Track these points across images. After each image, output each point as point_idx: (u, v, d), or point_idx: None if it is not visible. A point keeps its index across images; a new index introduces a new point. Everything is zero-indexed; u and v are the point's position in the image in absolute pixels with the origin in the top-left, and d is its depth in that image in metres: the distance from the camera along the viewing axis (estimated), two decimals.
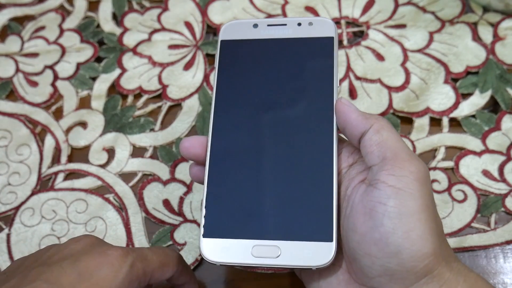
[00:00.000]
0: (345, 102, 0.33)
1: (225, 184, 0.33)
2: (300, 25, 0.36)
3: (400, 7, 0.51)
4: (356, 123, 0.32)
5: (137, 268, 0.30)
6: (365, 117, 0.32)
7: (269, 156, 0.33)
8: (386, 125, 0.31)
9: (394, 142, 0.30)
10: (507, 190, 0.42)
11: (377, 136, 0.31)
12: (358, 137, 0.32)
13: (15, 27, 0.54)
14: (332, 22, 0.36)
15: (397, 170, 0.29)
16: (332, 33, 0.35)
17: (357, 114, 0.32)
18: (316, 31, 0.36)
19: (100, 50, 0.52)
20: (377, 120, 0.31)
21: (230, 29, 0.37)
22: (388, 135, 0.31)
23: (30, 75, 0.51)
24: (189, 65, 0.50)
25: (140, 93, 0.49)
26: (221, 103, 0.35)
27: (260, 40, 0.36)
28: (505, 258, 0.40)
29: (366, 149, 0.31)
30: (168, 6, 0.53)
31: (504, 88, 0.46)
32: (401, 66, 0.48)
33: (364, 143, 0.31)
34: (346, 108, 0.32)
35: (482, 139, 0.44)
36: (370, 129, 0.31)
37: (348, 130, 0.32)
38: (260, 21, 0.37)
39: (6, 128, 0.48)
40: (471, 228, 0.41)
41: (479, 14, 0.49)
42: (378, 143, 0.30)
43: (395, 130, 0.31)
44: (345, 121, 0.32)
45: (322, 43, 0.35)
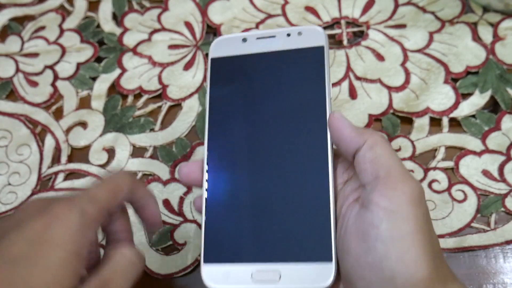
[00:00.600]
0: (338, 116, 0.32)
1: (223, 208, 0.33)
2: (289, 36, 0.35)
3: (400, 7, 0.51)
4: (350, 140, 0.31)
5: (89, 212, 0.29)
6: (359, 132, 0.31)
7: (265, 177, 0.33)
8: (380, 141, 0.30)
9: (388, 159, 0.30)
10: (507, 190, 0.42)
11: (370, 152, 0.30)
12: (352, 153, 0.31)
13: (15, 27, 0.54)
14: (322, 30, 0.35)
15: (390, 191, 0.28)
16: (322, 42, 0.34)
17: (350, 130, 0.31)
18: (306, 41, 0.35)
19: (100, 50, 0.52)
20: (371, 136, 0.30)
21: (220, 45, 0.36)
22: (382, 152, 0.30)
23: (30, 75, 0.51)
24: (189, 65, 0.50)
25: (140, 93, 0.49)
26: (214, 124, 0.34)
27: (250, 55, 0.35)
28: (505, 258, 0.40)
29: (360, 166, 0.30)
30: (168, 6, 0.53)
31: (504, 88, 0.46)
32: (401, 66, 0.48)
33: (358, 159, 0.30)
34: (339, 123, 0.31)
35: (482, 139, 0.44)
36: (363, 145, 0.30)
37: (342, 147, 0.31)
38: (249, 34, 0.36)
39: (6, 128, 0.48)
40: (471, 228, 0.41)
41: (479, 14, 0.49)
42: (371, 160, 0.30)
43: (389, 145, 0.31)
44: (338, 137, 0.31)
45: (312, 53, 0.34)
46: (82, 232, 0.28)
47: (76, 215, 0.28)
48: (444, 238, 0.40)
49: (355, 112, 0.46)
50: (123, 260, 0.30)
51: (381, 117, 0.46)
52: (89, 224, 0.28)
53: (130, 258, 0.30)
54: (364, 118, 0.46)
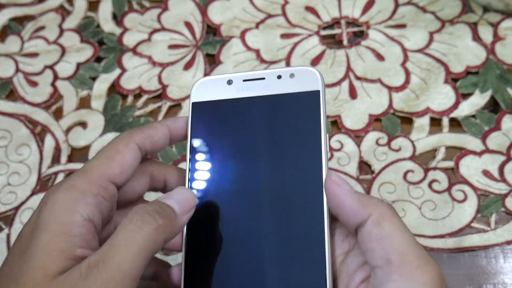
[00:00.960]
0: (336, 180, 0.28)
1: (204, 279, 0.29)
2: (280, 78, 0.31)
3: (400, 7, 0.51)
4: (351, 211, 0.27)
5: (76, 185, 0.27)
6: (362, 203, 0.27)
7: (253, 243, 0.29)
8: (387, 213, 0.26)
9: (399, 238, 0.25)
10: (507, 190, 0.42)
11: (377, 229, 0.26)
12: (354, 226, 0.27)
13: (15, 27, 0.54)
14: (317, 72, 0.31)
15: (407, 282, 0.24)
16: (317, 85, 0.31)
17: (352, 200, 0.27)
18: (299, 84, 0.31)
19: (100, 50, 0.52)
20: (377, 207, 0.26)
21: (202, 88, 0.33)
22: (391, 228, 0.26)
23: (30, 75, 0.51)
24: (189, 65, 0.50)
25: (140, 93, 0.49)
26: (196, 180, 0.31)
27: (236, 100, 0.32)
28: (505, 258, 0.40)
29: (366, 245, 0.26)
30: (168, 6, 0.53)
31: (504, 88, 0.46)
32: (401, 66, 0.48)
33: (363, 236, 0.26)
34: (338, 190, 0.27)
35: (482, 139, 0.44)
36: (368, 219, 0.26)
37: (342, 218, 0.28)
38: (235, 76, 0.32)
39: (6, 128, 0.48)
40: (471, 228, 0.41)
41: (479, 14, 0.49)
42: (379, 239, 0.26)
43: (399, 218, 0.27)
44: (337, 207, 0.27)
45: (306, 99, 0.31)
46: (68, 210, 0.26)
47: (61, 194, 0.26)
48: (444, 238, 0.40)
49: (355, 112, 0.46)
50: (128, 226, 0.25)
51: (381, 117, 0.46)
52: (76, 199, 0.26)
53: (140, 216, 0.26)
54: (364, 118, 0.46)
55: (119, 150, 0.29)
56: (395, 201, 0.42)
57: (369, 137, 0.45)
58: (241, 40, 0.50)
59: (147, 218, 0.25)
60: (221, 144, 0.31)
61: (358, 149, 0.44)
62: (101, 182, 0.27)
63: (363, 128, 0.45)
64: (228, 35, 0.51)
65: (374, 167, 0.44)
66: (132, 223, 0.25)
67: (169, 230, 0.26)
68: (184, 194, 0.28)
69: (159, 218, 0.26)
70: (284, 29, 0.51)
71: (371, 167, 0.44)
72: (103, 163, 0.28)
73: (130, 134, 0.30)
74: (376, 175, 0.43)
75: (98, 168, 0.28)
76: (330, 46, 0.49)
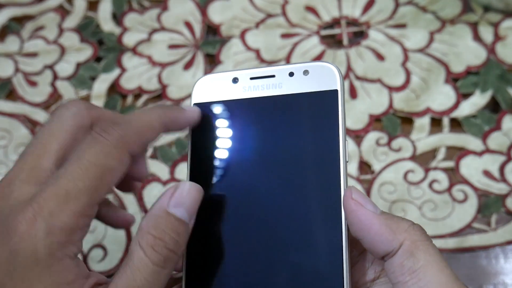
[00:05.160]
0: (359, 198, 0.24)
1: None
2: (292, 76, 0.28)
3: (400, 7, 0.51)
4: (379, 238, 0.24)
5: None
6: (391, 230, 0.23)
7: (260, 269, 0.26)
8: (421, 242, 0.23)
9: (436, 271, 0.23)
10: (507, 190, 0.42)
11: (410, 261, 0.23)
12: (381, 254, 0.24)
13: (15, 27, 0.53)
14: (335, 68, 0.27)
15: None
16: (335, 84, 0.27)
17: (379, 225, 0.24)
18: (314, 82, 0.27)
19: (100, 50, 0.51)
20: (409, 235, 0.23)
21: (205, 87, 0.29)
22: (427, 260, 0.23)
23: (29, 75, 0.51)
24: (189, 65, 0.50)
25: (140, 93, 0.49)
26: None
27: (242, 101, 0.28)
28: (506, 259, 0.40)
29: (396, 277, 0.23)
30: (168, 6, 0.53)
31: (505, 88, 0.46)
32: (401, 66, 0.48)
33: (393, 267, 0.23)
34: (362, 212, 0.24)
35: (483, 139, 0.44)
36: (399, 249, 0.23)
37: (367, 243, 0.24)
38: (241, 73, 0.28)
39: (5, 128, 0.48)
40: (471, 228, 0.41)
41: (480, 14, 0.49)
42: (413, 272, 0.23)
43: (433, 246, 0.24)
44: (361, 231, 0.24)
45: (322, 100, 0.27)
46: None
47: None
48: (445, 239, 0.40)
49: (355, 112, 0.46)
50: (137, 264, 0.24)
51: (382, 117, 0.46)
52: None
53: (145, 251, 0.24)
54: (365, 118, 0.45)
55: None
56: (395, 201, 0.42)
57: (369, 137, 0.45)
58: (241, 40, 0.50)
59: (152, 253, 0.24)
60: (225, 151, 0.28)
61: (358, 149, 0.44)
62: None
63: (363, 128, 0.45)
64: (228, 35, 0.51)
65: (374, 167, 0.44)
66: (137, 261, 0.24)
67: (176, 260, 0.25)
68: (193, 196, 0.25)
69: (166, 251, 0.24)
70: (284, 29, 0.50)
71: (371, 167, 0.44)
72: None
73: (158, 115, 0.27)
74: (376, 175, 0.43)
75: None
76: (330, 46, 0.49)
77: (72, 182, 0.23)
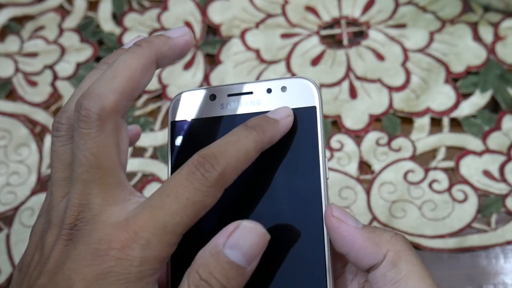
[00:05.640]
0: (340, 215, 0.24)
1: None
2: (270, 92, 0.27)
3: (400, 7, 0.51)
4: (363, 252, 0.24)
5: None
6: (375, 243, 0.24)
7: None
8: (403, 251, 0.24)
9: (418, 281, 0.23)
10: (507, 190, 0.42)
11: (393, 271, 0.23)
12: (365, 268, 0.24)
13: (15, 27, 0.53)
14: (312, 84, 0.27)
15: None
16: (313, 100, 0.27)
17: (362, 239, 0.24)
18: (292, 99, 0.27)
19: (100, 50, 0.51)
20: (392, 245, 0.24)
21: (182, 104, 0.28)
22: (409, 270, 0.23)
23: (29, 75, 0.51)
24: (189, 65, 0.50)
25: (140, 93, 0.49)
26: None
27: (220, 118, 0.28)
28: (506, 258, 0.40)
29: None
30: (168, 6, 0.53)
31: (505, 88, 0.46)
32: (401, 66, 0.48)
33: (376, 278, 0.24)
34: (344, 228, 0.24)
35: (483, 139, 0.44)
36: (383, 261, 0.24)
37: (351, 258, 0.25)
38: (218, 89, 0.28)
39: (5, 128, 0.48)
40: (471, 228, 0.41)
41: (480, 13, 0.49)
42: (395, 282, 0.23)
43: (416, 256, 0.24)
44: (345, 247, 0.24)
45: (300, 117, 0.26)
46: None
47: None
48: (445, 239, 0.40)
49: (355, 112, 0.46)
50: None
51: (382, 117, 0.46)
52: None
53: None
54: (365, 118, 0.45)
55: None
56: (395, 201, 0.42)
57: (369, 137, 0.45)
58: (241, 40, 0.50)
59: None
60: None
61: (358, 149, 0.44)
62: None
63: (363, 128, 0.45)
64: (228, 35, 0.51)
65: (374, 167, 0.44)
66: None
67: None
68: (253, 240, 0.23)
69: None
70: (284, 29, 0.50)
71: (371, 167, 0.44)
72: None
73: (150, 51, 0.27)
74: (376, 175, 0.43)
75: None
76: (330, 46, 0.49)
77: (170, 216, 0.23)
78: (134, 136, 0.31)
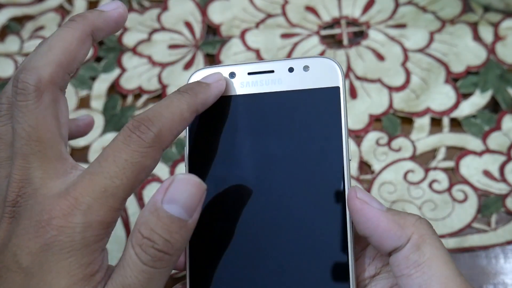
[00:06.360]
0: (364, 197, 0.24)
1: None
2: (292, 71, 0.27)
3: (400, 7, 0.51)
4: (387, 234, 0.24)
5: None
6: (399, 225, 0.24)
7: (263, 270, 0.25)
8: (427, 235, 0.24)
9: (441, 264, 0.23)
10: (507, 190, 0.42)
11: (416, 254, 0.23)
12: (388, 250, 0.24)
13: (15, 27, 0.53)
14: (336, 64, 0.26)
15: None
16: (336, 80, 0.26)
17: (387, 222, 0.24)
18: (315, 79, 0.26)
19: (100, 50, 0.51)
20: (416, 229, 0.24)
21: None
22: (433, 253, 0.23)
23: None
24: (189, 65, 0.50)
25: (140, 93, 0.49)
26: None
27: (239, 97, 0.27)
28: (506, 258, 0.40)
29: (401, 270, 0.24)
30: (168, 6, 0.53)
31: (505, 88, 0.46)
32: (401, 66, 0.48)
33: (398, 260, 0.24)
34: (368, 210, 0.24)
35: (483, 139, 0.44)
36: (407, 243, 0.23)
37: (374, 240, 0.24)
38: (238, 67, 0.27)
39: None
40: (471, 228, 0.41)
41: (480, 13, 0.49)
42: (418, 265, 0.23)
43: (439, 240, 0.24)
44: (368, 229, 0.24)
45: (323, 98, 0.26)
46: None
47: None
48: (445, 239, 0.40)
49: (356, 112, 0.46)
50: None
51: (382, 117, 0.46)
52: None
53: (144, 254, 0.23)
54: (365, 118, 0.45)
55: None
56: (395, 201, 0.42)
57: (369, 137, 0.45)
58: (241, 40, 0.50)
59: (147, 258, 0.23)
60: (223, 150, 0.27)
61: (358, 149, 0.44)
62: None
63: (363, 128, 0.45)
64: (228, 35, 0.51)
65: (374, 167, 0.44)
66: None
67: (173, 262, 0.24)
68: (189, 191, 0.23)
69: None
70: (284, 29, 0.51)
71: (371, 167, 0.44)
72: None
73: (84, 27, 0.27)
74: (376, 175, 0.43)
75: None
76: (330, 46, 0.49)
77: (109, 180, 0.23)
78: (86, 126, 0.31)
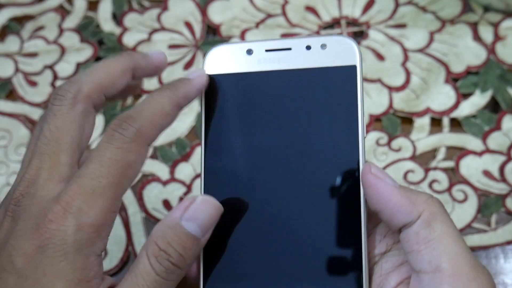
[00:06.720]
0: (378, 173, 0.25)
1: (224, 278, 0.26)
2: (309, 49, 0.27)
3: (400, 7, 0.51)
4: (398, 210, 0.24)
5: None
6: (411, 201, 0.24)
7: (279, 243, 0.26)
8: (438, 212, 0.24)
9: (452, 241, 0.23)
10: (507, 190, 0.42)
11: (427, 230, 0.23)
12: (399, 226, 0.25)
13: (15, 27, 0.53)
14: (354, 42, 0.27)
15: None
16: (354, 59, 0.27)
17: (399, 197, 0.24)
18: (332, 57, 0.27)
19: (100, 50, 0.51)
20: (428, 206, 0.24)
21: (217, 58, 0.28)
22: (443, 230, 0.23)
23: (29, 75, 0.51)
24: (189, 65, 0.50)
25: (140, 93, 0.49)
26: (214, 170, 0.27)
27: (256, 74, 0.27)
28: (506, 258, 0.40)
29: (411, 246, 0.24)
30: (168, 6, 0.53)
31: (505, 88, 0.46)
32: (401, 66, 0.48)
33: (408, 236, 0.24)
34: (381, 185, 0.24)
35: (483, 139, 0.44)
36: (418, 219, 0.24)
37: (385, 216, 0.25)
38: (256, 44, 0.28)
39: (5, 128, 0.48)
40: (471, 228, 0.41)
41: (480, 13, 0.49)
42: (428, 241, 0.23)
43: (450, 218, 0.24)
44: (381, 204, 0.24)
45: (340, 76, 0.26)
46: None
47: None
48: None
49: None
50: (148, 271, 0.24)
51: (382, 117, 0.46)
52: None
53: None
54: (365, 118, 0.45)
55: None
56: None
57: (369, 137, 0.45)
58: (241, 40, 0.50)
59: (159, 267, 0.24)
60: (240, 127, 0.27)
61: None
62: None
63: None
64: (228, 35, 0.51)
65: None
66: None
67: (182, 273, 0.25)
68: (208, 212, 0.25)
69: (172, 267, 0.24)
70: (284, 29, 0.51)
71: None
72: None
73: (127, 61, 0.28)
74: None
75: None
76: None
77: (96, 180, 0.24)
78: (160, 63, 0.30)
